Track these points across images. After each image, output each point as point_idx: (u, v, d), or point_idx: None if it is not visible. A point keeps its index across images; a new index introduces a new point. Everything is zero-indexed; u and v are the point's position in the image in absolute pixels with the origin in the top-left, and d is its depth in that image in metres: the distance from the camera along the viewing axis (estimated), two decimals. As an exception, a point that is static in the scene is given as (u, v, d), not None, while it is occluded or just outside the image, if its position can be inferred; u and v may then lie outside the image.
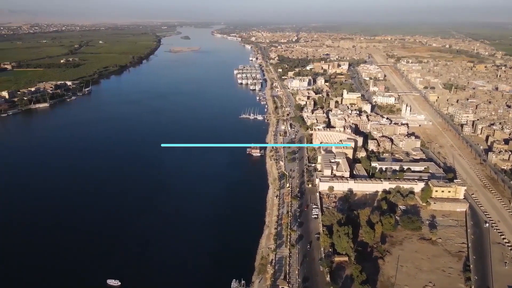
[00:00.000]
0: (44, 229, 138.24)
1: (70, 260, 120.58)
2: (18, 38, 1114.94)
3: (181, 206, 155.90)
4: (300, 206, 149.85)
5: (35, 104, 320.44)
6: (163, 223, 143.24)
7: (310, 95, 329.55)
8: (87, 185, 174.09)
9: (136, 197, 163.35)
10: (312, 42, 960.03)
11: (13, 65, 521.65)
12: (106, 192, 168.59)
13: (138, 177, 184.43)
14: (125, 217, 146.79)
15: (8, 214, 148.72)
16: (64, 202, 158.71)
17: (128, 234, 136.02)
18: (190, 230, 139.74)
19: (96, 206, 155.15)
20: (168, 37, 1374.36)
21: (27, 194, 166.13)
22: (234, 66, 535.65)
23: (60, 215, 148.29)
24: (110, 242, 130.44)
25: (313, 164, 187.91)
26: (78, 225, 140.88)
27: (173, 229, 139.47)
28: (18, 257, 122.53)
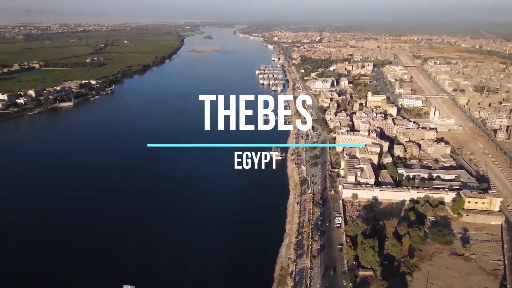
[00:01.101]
0: (60, 229, 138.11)
1: (86, 263, 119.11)
2: (47, 37, 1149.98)
3: (200, 210, 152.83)
4: (322, 214, 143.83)
5: (60, 103, 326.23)
6: (180, 227, 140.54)
7: (333, 96, 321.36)
8: (107, 185, 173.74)
9: (155, 199, 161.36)
10: (335, 42, 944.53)
11: (41, 64, 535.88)
12: (125, 192, 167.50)
13: (157, 178, 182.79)
14: (143, 220, 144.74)
15: (27, 213, 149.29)
16: (82, 202, 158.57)
17: (146, 237, 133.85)
18: (208, 235, 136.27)
19: (115, 208, 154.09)
20: (191, 37, 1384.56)
21: (44, 193, 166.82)
22: (256, 66, 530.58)
23: (78, 216, 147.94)
24: (128, 245, 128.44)
25: (336, 169, 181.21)
26: (96, 226, 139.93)
27: (191, 234, 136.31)
28: (34, 256, 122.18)
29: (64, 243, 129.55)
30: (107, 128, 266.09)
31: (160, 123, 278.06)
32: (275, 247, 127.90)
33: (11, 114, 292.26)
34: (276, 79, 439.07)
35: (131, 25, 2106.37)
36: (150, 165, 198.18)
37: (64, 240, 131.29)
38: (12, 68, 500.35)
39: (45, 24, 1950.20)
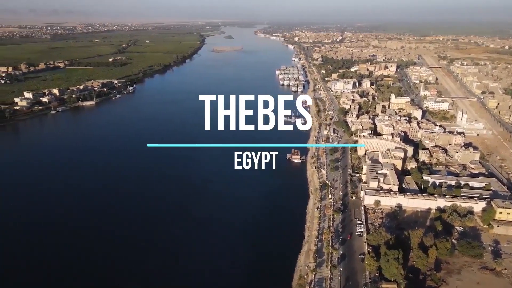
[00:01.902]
0: (74, 230, 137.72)
1: (101, 266, 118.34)
2: (72, 37, 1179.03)
3: (216, 213, 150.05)
4: (343, 221, 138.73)
5: (82, 101, 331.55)
6: (195, 231, 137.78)
7: (355, 98, 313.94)
8: (123, 186, 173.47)
9: (171, 201, 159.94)
10: (357, 42, 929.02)
11: (66, 63, 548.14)
12: (140, 194, 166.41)
13: (173, 179, 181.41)
14: (158, 222, 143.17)
15: (41, 212, 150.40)
16: (99, 203, 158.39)
17: (162, 240, 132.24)
18: (224, 238, 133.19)
19: (129, 209, 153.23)
20: (211, 37, 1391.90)
21: (62, 193, 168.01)
22: (276, 66, 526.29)
23: (94, 217, 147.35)
24: (143, 248, 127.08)
25: (357, 174, 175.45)
26: (111, 228, 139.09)
27: (206, 237, 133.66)
28: (49, 256, 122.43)
29: (76, 244, 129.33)
30: (125, 128, 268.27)
31: (176, 123, 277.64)
32: (293, 254, 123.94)
33: (36, 112, 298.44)
34: (297, 79, 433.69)
35: (154, 25, 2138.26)
36: (166, 165, 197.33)
37: (77, 242, 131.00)
38: (39, 67, 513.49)
39: (71, 24, 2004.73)
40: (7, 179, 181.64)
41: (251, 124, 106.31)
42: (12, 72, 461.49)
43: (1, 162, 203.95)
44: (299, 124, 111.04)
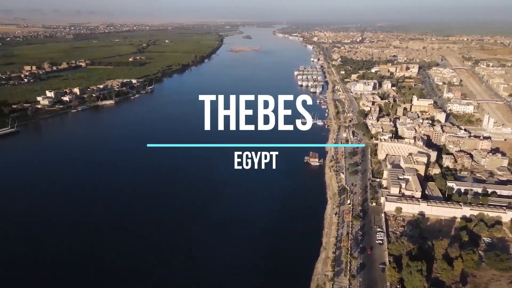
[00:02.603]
0: (90, 232, 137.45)
1: (116, 268, 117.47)
2: (94, 37, 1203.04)
3: (232, 215, 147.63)
4: (362, 228, 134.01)
5: (102, 101, 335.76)
6: (211, 232, 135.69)
7: (375, 100, 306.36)
8: (140, 187, 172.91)
9: (187, 202, 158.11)
10: (377, 42, 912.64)
11: (87, 63, 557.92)
12: (156, 195, 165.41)
13: (188, 180, 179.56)
14: (174, 225, 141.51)
15: (60, 212, 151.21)
16: (115, 204, 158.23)
17: (177, 242, 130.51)
18: (240, 242, 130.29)
19: (145, 211, 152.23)
20: (230, 37, 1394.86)
21: (77, 192, 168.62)
22: (294, 66, 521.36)
23: (109, 218, 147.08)
24: (158, 251, 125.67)
25: (378, 179, 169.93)
26: (126, 230, 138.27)
27: (221, 241, 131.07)
28: (63, 256, 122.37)
29: (92, 246, 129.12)
30: (142, 127, 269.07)
31: (192, 124, 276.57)
32: (310, 261, 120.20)
33: (57, 111, 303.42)
34: (315, 80, 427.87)
35: (173, 25, 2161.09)
36: (182, 166, 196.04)
37: (92, 243, 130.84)
38: (61, 66, 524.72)
39: (94, 24, 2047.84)
40: (26, 178, 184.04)
41: (251, 124, 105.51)
42: (36, 71, 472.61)
43: (23, 161, 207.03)
44: (299, 124, 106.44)
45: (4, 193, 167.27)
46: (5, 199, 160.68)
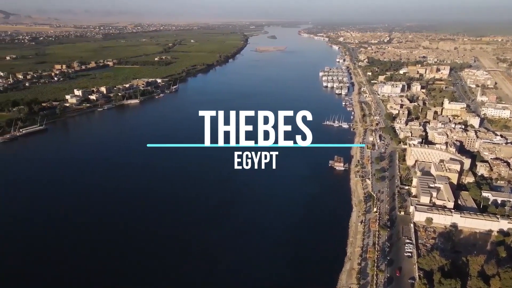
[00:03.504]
0: (110, 233, 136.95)
1: (136, 271, 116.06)
2: (122, 37, 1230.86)
3: (253, 220, 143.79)
4: (390, 239, 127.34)
5: (127, 100, 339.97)
6: (229, 241, 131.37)
7: (403, 103, 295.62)
8: (161, 187, 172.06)
9: (209, 204, 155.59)
10: (406, 43, 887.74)
11: (114, 62, 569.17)
12: (175, 197, 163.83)
13: (210, 183, 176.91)
14: (194, 228, 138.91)
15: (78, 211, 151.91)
16: (134, 204, 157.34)
17: (198, 246, 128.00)
18: (260, 250, 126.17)
19: (165, 213, 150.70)
20: (255, 37, 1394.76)
21: (98, 193, 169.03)
22: (319, 67, 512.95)
23: (128, 218, 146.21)
24: (179, 253, 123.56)
25: (406, 186, 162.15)
26: (145, 232, 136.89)
27: (242, 246, 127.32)
28: (85, 260, 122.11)
29: (109, 248, 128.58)
30: (164, 127, 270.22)
31: (215, 125, 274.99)
32: (334, 272, 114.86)
33: (84, 109, 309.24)
34: (341, 81, 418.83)
35: (199, 24, 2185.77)
36: (204, 167, 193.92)
37: (111, 245, 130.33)
38: (90, 65, 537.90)
39: (122, 24, 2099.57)
40: (50, 175, 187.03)
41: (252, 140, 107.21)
42: (66, 70, 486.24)
43: (49, 158, 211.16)
44: (299, 139, 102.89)
45: (27, 189, 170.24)
46: (28, 195, 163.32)
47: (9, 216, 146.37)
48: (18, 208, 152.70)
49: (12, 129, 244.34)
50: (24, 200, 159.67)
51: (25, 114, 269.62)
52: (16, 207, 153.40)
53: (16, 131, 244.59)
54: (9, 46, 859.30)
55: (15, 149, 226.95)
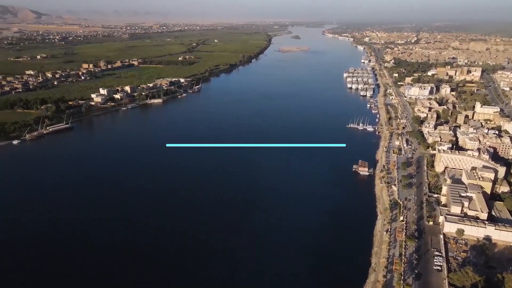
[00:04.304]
0: (132, 234, 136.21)
1: (158, 274, 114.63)
2: (148, 36, 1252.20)
3: (274, 225, 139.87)
4: (418, 250, 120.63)
5: (151, 99, 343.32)
6: (250, 245, 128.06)
7: (432, 106, 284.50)
8: (181, 187, 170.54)
9: (227, 209, 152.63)
10: (434, 43, 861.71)
11: (139, 62, 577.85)
12: (195, 197, 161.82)
13: (230, 184, 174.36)
14: (215, 230, 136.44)
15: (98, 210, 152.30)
16: (155, 205, 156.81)
17: (221, 250, 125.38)
18: (281, 257, 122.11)
19: (185, 213, 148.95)
20: (278, 37, 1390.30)
21: (119, 192, 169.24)
22: (344, 68, 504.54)
23: (148, 219, 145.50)
24: (198, 257, 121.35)
25: (435, 194, 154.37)
26: (164, 233, 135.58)
27: (260, 255, 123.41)
28: (99, 256, 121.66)
29: (130, 240, 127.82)
30: (185, 127, 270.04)
31: (237, 125, 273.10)
32: (357, 283, 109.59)
33: (108, 108, 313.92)
34: (366, 83, 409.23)
35: (223, 24, 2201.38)
36: (225, 168, 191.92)
37: (133, 246, 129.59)
38: (115, 64, 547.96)
39: (148, 24, 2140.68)
40: (76, 173, 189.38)
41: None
42: (92, 69, 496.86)
43: (72, 156, 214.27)
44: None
45: (53, 186, 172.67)
46: (55, 192, 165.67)
47: (39, 213, 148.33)
48: (46, 205, 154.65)
49: (40, 126, 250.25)
50: (51, 197, 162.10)
51: (52, 112, 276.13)
52: (45, 204, 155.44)
53: (43, 128, 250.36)
54: (41, 46, 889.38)
55: (42, 147, 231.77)
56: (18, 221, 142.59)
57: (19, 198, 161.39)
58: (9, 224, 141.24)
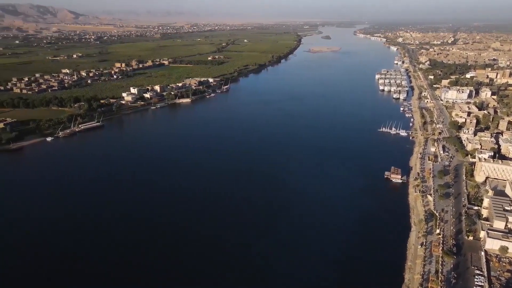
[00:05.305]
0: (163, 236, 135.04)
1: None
2: (179, 36, 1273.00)
3: (300, 232, 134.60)
4: (456, 268, 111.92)
5: (179, 99, 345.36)
6: (274, 252, 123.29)
7: (471, 110, 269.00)
8: (207, 188, 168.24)
9: (253, 214, 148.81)
10: (473, 44, 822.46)
11: (170, 61, 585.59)
12: (220, 198, 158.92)
13: (257, 188, 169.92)
14: (240, 234, 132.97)
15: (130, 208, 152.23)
16: (182, 202, 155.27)
17: (241, 253, 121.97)
18: (307, 266, 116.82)
19: (211, 215, 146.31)
20: (309, 37, 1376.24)
21: (151, 191, 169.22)
22: (376, 70, 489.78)
23: (181, 219, 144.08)
24: (221, 262, 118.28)
25: (475, 206, 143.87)
26: (196, 234, 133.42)
27: (285, 264, 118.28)
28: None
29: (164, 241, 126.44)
30: (214, 127, 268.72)
31: (266, 126, 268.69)
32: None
33: (138, 107, 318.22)
34: (399, 85, 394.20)
35: (253, 24, 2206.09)
36: (253, 170, 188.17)
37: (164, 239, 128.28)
38: (146, 64, 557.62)
39: (179, 24, 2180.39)
40: (106, 171, 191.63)
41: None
42: (124, 68, 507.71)
43: (105, 154, 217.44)
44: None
45: (86, 183, 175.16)
46: (79, 190, 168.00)
47: (73, 208, 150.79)
48: (75, 202, 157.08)
49: (72, 124, 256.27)
50: (86, 194, 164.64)
51: (85, 110, 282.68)
52: (79, 201, 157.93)
53: (76, 126, 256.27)
54: (77, 45, 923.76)
55: (74, 144, 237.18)
56: (48, 218, 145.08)
57: (53, 195, 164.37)
58: (42, 220, 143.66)
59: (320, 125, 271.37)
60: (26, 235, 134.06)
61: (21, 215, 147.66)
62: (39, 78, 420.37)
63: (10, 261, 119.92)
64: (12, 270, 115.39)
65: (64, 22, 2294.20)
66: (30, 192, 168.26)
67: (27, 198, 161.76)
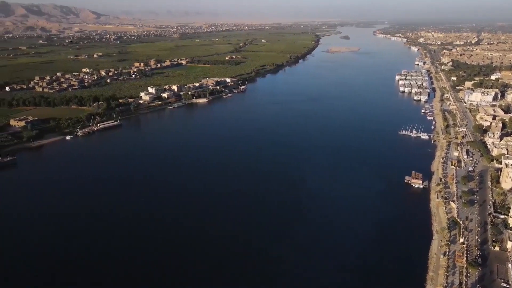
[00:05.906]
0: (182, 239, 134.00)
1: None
2: (197, 36, 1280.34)
3: (316, 238, 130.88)
4: (482, 280, 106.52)
5: (197, 99, 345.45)
6: (289, 258, 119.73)
7: (496, 113, 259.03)
8: (223, 190, 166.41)
9: (267, 217, 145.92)
10: (498, 45, 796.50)
11: (187, 61, 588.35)
12: (235, 199, 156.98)
13: (272, 191, 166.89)
14: (255, 238, 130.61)
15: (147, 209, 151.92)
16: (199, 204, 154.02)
17: (254, 259, 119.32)
18: (323, 275, 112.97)
19: (226, 217, 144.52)
20: (327, 37, 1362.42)
21: (167, 190, 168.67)
22: (396, 70, 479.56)
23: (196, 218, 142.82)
24: (234, 267, 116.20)
25: (502, 215, 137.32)
26: (206, 234, 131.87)
27: (300, 271, 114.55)
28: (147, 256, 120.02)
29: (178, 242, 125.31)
30: (231, 128, 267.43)
31: (283, 126, 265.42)
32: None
33: (155, 107, 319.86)
34: (420, 87, 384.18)
35: (271, 24, 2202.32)
36: (269, 172, 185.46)
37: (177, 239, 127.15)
38: (165, 63, 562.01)
39: (198, 24, 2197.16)
40: (124, 170, 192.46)
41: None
42: (143, 68, 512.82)
43: (123, 154, 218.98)
44: None
45: (104, 183, 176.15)
46: (107, 189, 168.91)
47: (91, 207, 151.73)
48: (99, 200, 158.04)
49: (91, 123, 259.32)
50: (102, 194, 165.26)
51: (104, 109, 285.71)
52: (90, 199, 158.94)
53: (94, 125, 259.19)
54: (98, 44, 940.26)
55: (92, 143, 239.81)
56: (69, 214, 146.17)
57: (72, 194, 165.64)
58: (61, 218, 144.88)
59: (337, 127, 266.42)
60: (45, 232, 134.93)
61: (40, 212, 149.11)
62: (61, 77, 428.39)
63: (26, 260, 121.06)
64: (30, 265, 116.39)
65: (86, 22, 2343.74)
66: (50, 189, 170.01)
67: (46, 196, 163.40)
